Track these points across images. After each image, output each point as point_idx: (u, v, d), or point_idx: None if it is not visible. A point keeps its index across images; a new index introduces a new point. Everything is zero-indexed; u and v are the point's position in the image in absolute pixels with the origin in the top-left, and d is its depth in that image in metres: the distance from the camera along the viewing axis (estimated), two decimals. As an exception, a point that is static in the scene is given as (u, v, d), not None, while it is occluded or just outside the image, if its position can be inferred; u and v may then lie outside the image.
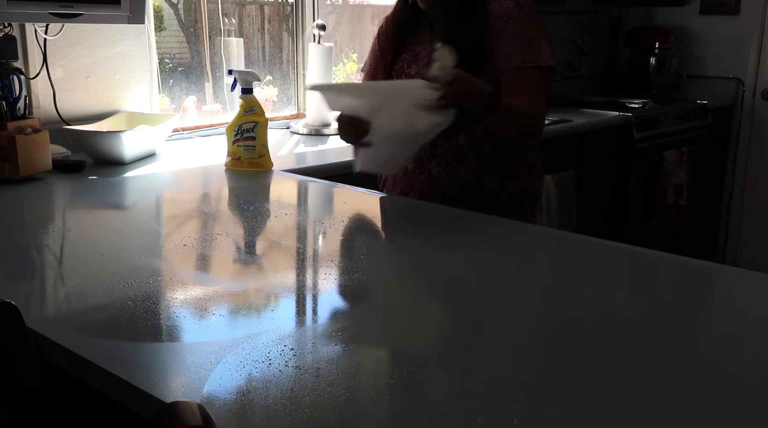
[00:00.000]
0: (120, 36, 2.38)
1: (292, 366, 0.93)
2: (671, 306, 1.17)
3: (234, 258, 1.42)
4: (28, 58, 2.18)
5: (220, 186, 2.00)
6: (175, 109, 2.72)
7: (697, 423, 0.83)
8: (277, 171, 2.07)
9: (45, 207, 1.78)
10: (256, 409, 0.83)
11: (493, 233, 1.55)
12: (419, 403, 0.85)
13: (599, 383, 0.91)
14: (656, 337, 1.05)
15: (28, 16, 1.97)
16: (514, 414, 0.82)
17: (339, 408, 0.83)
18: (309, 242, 1.54)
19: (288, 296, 1.21)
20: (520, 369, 0.96)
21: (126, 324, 1.05)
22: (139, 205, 1.86)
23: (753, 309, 1.17)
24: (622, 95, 3.94)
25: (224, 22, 2.87)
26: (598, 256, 1.42)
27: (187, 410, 0.73)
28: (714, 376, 0.94)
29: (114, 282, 1.20)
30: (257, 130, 2.03)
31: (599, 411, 0.84)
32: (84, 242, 1.46)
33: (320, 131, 2.76)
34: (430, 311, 1.19)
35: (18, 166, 1.83)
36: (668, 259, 1.42)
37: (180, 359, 0.95)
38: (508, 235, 1.55)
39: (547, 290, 1.25)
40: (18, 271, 1.31)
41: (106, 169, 2.05)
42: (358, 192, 1.88)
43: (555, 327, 1.08)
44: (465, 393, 0.87)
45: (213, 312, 1.11)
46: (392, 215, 1.78)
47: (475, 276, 1.29)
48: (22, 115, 1.92)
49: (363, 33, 3.52)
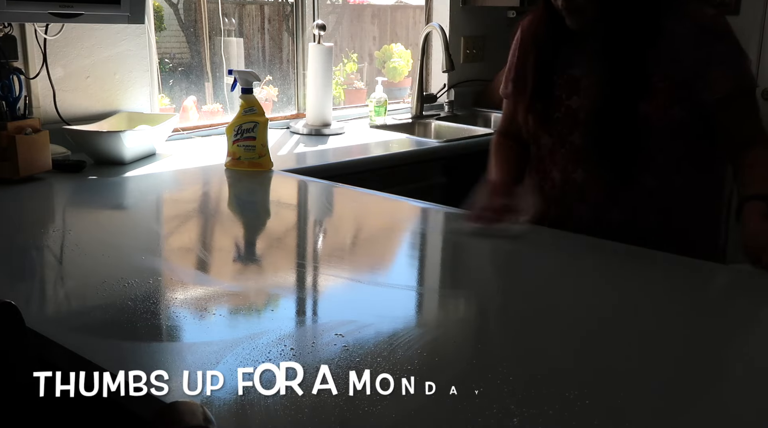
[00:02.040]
0: (120, 36, 2.38)
1: (291, 366, 0.92)
2: (671, 305, 1.17)
3: (234, 258, 1.42)
4: (28, 58, 2.18)
5: (220, 186, 2.00)
6: (175, 109, 2.72)
7: (696, 423, 0.83)
8: (277, 171, 2.07)
9: (45, 207, 1.78)
10: (256, 409, 0.83)
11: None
12: (419, 403, 0.85)
13: (598, 383, 0.91)
14: (656, 337, 1.05)
15: (28, 16, 1.97)
16: (513, 414, 0.82)
17: (339, 408, 0.83)
18: (309, 242, 1.55)
19: (288, 296, 1.21)
20: (521, 368, 0.96)
21: (126, 324, 1.05)
22: (139, 205, 1.86)
23: (753, 310, 1.17)
24: (622, 95, 3.94)
25: (224, 22, 2.87)
26: (597, 255, 1.42)
27: (187, 410, 0.73)
28: (714, 376, 0.94)
29: (114, 282, 1.20)
30: (257, 130, 2.03)
31: (598, 411, 0.84)
32: (84, 242, 1.46)
33: (320, 131, 2.76)
34: (430, 308, 1.19)
35: (18, 166, 1.83)
36: (669, 259, 1.42)
37: (180, 359, 0.95)
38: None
39: (545, 289, 1.25)
40: (18, 271, 1.31)
41: (106, 169, 2.05)
42: (359, 192, 1.88)
43: (553, 327, 1.08)
44: (464, 393, 0.87)
45: (213, 312, 1.11)
46: (392, 214, 1.78)
47: (478, 267, 1.29)
48: (22, 115, 1.92)
49: (363, 33, 3.53)
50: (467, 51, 3.46)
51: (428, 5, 3.43)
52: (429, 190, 2.45)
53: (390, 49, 3.49)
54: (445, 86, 3.40)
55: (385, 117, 3.02)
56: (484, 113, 3.40)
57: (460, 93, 3.43)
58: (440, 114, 3.30)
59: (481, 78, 3.50)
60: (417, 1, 3.53)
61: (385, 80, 3.28)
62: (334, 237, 1.55)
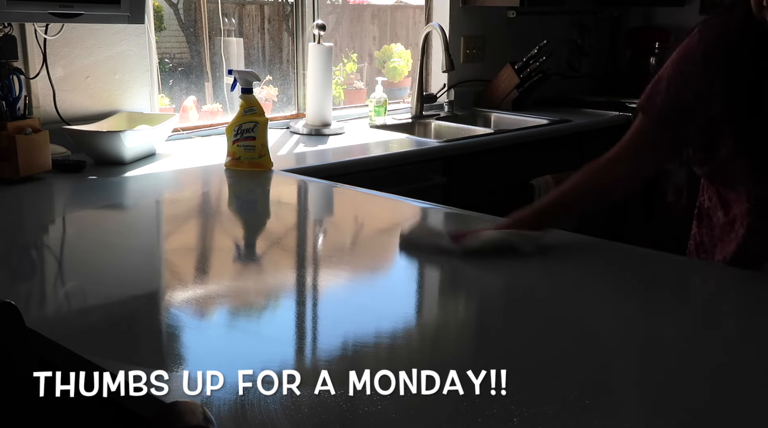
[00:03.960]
0: (120, 36, 2.38)
1: (291, 366, 0.93)
2: (670, 306, 1.17)
3: (234, 258, 1.42)
4: (28, 58, 2.18)
5: (220, 186, 2.00)
6: (175, 109, 2.72)
7: (697, 423, 0.83)
8: (277, 171, 2.07)
9: (45, 207, 1.78)
10: (256, 409, 0.83)
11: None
12: (419, 403, 0.85)
13: (598, 383, 0.91)
14: (656, 337, 1.05)
15: (28, 16, 1.97)
16: (513, 414, 0.82)
17: (339, 408, 0.83)
18: (309, 242, 1.55)
19: (288, 296, 1.21)
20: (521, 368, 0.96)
21: (126, 324, 1.05)
22: (139, 205, 1.86)
23: (753, 309, 1.17)
24: (622, 95, 3.94)
25: (224, 22, 2.87)
26: (597, 255, 1.42)
27: (187, 410, 0.73)
28: (715, 376, 0.94)
29: (114, 282, 1.20)
30: (257, 130, 2.03)
31: (598, 411, 0.84)
32: (84, 242, 1.46)
33: (320, 131, 2.75)
34: (430, 308, 1.19)
35: (18, 166, 1.83)
36: (668, 259, 1.42)
37: (180, 359, 0.95)
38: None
39: (546, 289, 1.25)
40: (18, 271, 1.31)
41: (106, 169, 2.05)
42: (359, 192, 1.88)
43: (552, 325, 1.08)
44: (464, 393, 0.87)
45: (213, 312, 1.11)
46: (392, 214, 1.78)
47: (478, 267, 1.29)
48: (22, 115, 1.92)
49: (363, 33, 3.52)
50: (467, 51, 3.46)
51: (428, 5, 3.43)
52: (429, 190, 2.45)
53: (390, 49, 3.49)
54: (445, 86, 3.40)
55: (385, 117, 3.02)
56: (484, 113, 3.40)
57: (460, 93, 3.43)
58: (440, 114, 3.30)
59: (481, 78, 3.50)
60: (417, 1, 3.53)
61: (385, 80, 3.28)
62: (334, 237, 1.55)
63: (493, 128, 3.24)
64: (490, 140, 2.77)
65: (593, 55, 4.22)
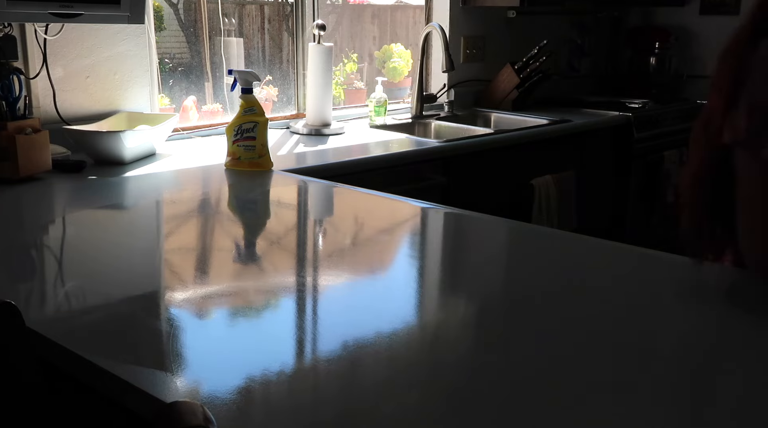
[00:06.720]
0: (120, 36, 2.38)
1: (291, 366, 0.93)
2: (671, 306, 1.17)
3: (234, 258, 1.42)
4: (28, 58, 2.18)
5: (220, 186, 2.00)
6: (175, 109, 2.72)
7: (697, 424, 0.83)
8: (277, 171, 2.07)
9: (45, 207, 1.78)
10: (256, 409, 0.83)
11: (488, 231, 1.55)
12: (419, 403, 0.85)
13: (598, 383, 0.91)
14: (655, 337, 1.05)
15: (28, 16, 1.97)
16: (514, 414, 0.82)
17: (339, 408, 0.83)
18: (309, 242, 1.55)
19: (288, 296, 1.21)
20: (521, 368, 0.96)
21: (126, 324, 1.05)
22: (139, 205, 1.86)
23: (753, 309, 1.17)
24: (622, 95, 3.94)
25: (224, 22, 2.87)
26: (597, 255, 1.42)
27: (187, 410, 0.73)
28: (714, 377, 0.94)
29: (114, 282, 1.20)
30: (257, 130, 2.03)
31: (598, 411, 0.84)
32: (84, 242, 1.46)
33: (320, 131, 2.76)
34: (430, 308, 1.19)
35: (18, 166, 1.83)
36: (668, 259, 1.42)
37: (180, 359, 0.95)
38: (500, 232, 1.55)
39: (546, 289, 1.25)
40: (18, 271, 1.31)
41: (106, 169, 2.05)
42: (358, 192, 1.88)
43: (552, 326, 1.08)
44: (465, 393, 0.87)
45: (213, 312, 1.11)
46: (392, 214, 1.78)
47: (478, 267, 1.29)
48: (22, 115, 1.92)
49: (363, 33, 3.53)
50: (467, 51, 3.46)
51: (428, 5, 3.43)
52: (429, 190, 2.45)
53: (390, 49, 3.49)
54: (445, 86, 3.40)
55: (385, 117, 3.02)
56: (484, 113, 3.40)
57: (460, 93, 3.43)
58: (440, 114, 3.30)
59: (481, 78, 3.50)
60: (417, 1, 3.53)
61: (385, 80, 3.28)
62: (334, 237, 1.55)
63: (493, 128, 3.25)
64: (490, 140, 2.77)
65: (593, 55, 4.22)
